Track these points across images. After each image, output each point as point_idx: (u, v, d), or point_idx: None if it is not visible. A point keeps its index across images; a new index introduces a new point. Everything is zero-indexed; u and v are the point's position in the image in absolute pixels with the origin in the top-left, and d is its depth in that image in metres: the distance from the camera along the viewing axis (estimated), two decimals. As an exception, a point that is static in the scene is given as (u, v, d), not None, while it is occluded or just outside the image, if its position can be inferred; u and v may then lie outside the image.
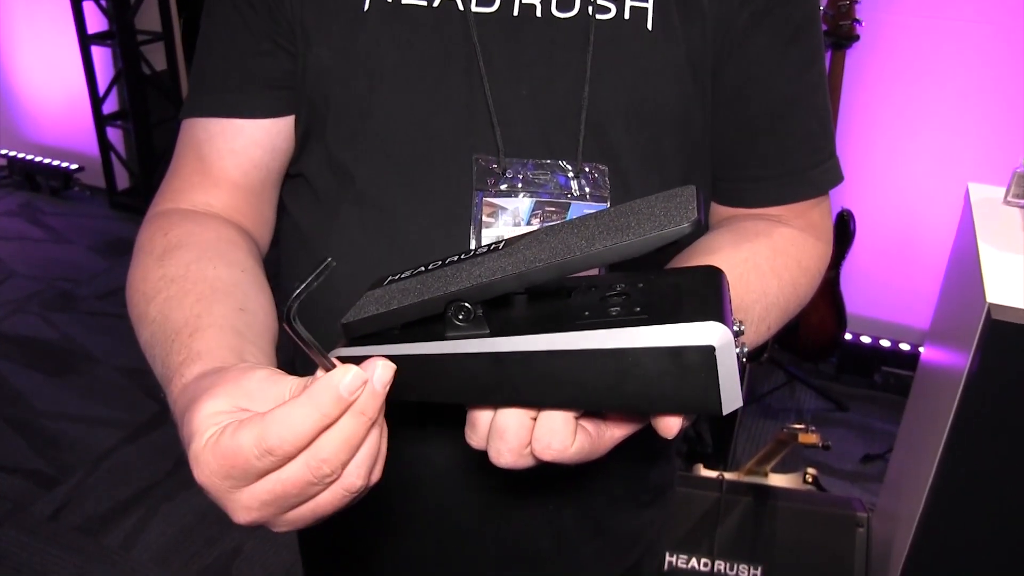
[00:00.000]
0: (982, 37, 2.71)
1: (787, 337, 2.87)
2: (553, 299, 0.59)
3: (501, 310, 0.59)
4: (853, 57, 2.70)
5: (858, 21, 2.56)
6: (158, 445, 2.80)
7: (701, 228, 0.54)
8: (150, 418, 2.92)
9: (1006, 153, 1.79)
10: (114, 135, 4.36)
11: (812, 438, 1.83)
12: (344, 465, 0.54)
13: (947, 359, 1.67)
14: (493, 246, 0.61)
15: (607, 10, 0.79)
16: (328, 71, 0.81)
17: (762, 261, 0.80)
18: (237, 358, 0.65)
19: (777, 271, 0.81)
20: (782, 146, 0.86)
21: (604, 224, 0.57)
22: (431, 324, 0.59)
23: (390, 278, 0.66)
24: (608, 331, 0.54)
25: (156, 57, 4.25)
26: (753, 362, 2.49)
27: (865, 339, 3.14)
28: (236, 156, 0.86)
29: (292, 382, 0.56)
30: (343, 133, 0.82)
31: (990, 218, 1.70)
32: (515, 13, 0.79)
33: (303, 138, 0.86)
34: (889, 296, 3.08)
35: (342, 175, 0.83)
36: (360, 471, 0.55)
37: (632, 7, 0.79)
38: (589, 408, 0.59)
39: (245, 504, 0.54)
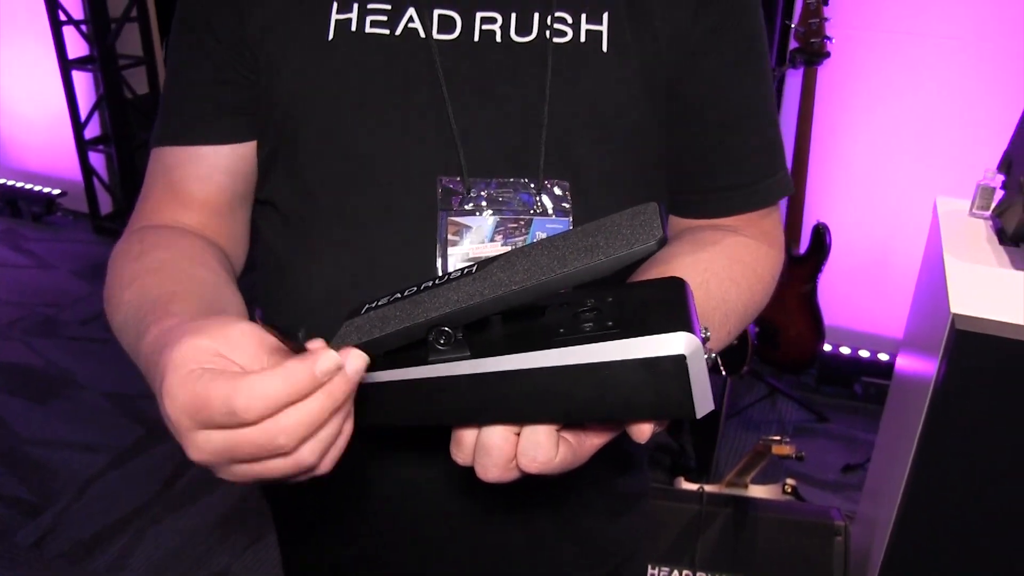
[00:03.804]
0: (950, 53, 2.78)
1: (767, 350, 2.90)
2: (528, 318, 0.62)
3: (480, 331, 0.61)
4: (825, 73, 2.75)
5: (828, 38, 2.62)
6: (144, 469, 2.80)
7: (664, 244, 0.57)
8: (135, 442, 2.92)
9: (976, 166, 1.84)
10: (96, 160, 4.38)
11: (786, 449, 1.86)
12: (301, 441, 0.55)
13: (917, 368, 1.71)
14: (466, 270, 0.64)
15: (564, 34, 0.82)
16: (295, 98, 0.83)
17: (721, 270, 0.83)
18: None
19: (735, 279, 0.84)
20: (736, 158, 0.89)
21: (573, 244, 0.60)
22: (413, 348, 0.61)
23: (367, 305, 0.68)
24: (584, 347, 0.56)
25: (138, 80, 4.27)
26: (733, 375, 2.53)
27: (844, 350, 3.18)
28: (202, 181, 0.89)
29: (271, 342, 0.58)
30: (310, 158, 0.84)
31: (956, 230, 1.74)
32: (476, 39, 0.82)
33: (269, 163, 0.89)
34: (866, 307, 3.13)
35: (310, 198, 0.86)
36: (314, 451, 0.56)
37: (588, 30, 0.82)
38: (570, 421, 0.61)
39: (199, 445, 0.56)
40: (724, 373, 2.49)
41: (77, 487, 2.72)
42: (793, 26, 2.69)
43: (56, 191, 4.55)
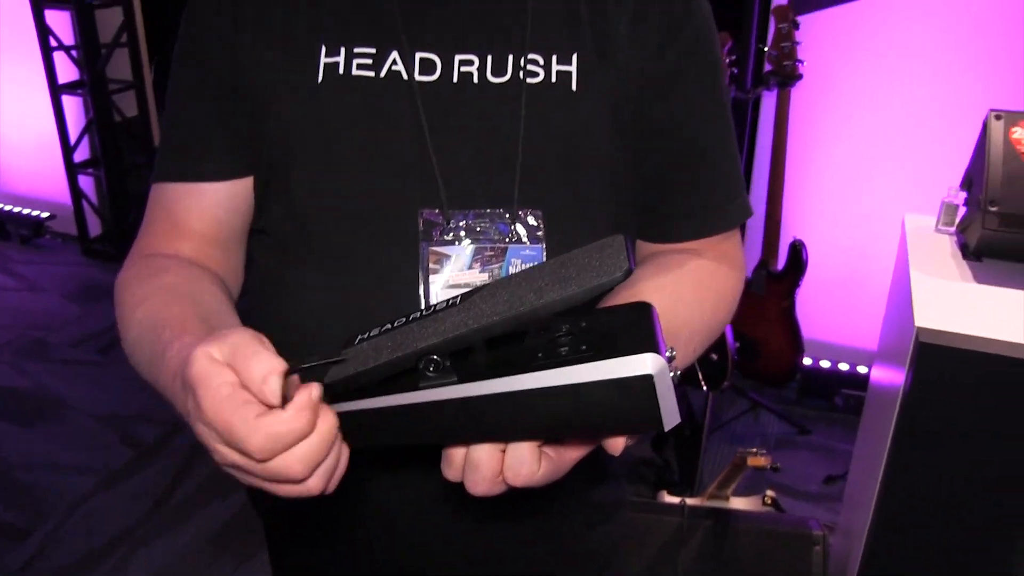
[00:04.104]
0: (916, 74, 2.86)
1: (748, 364, 2.95)
2: (509, 343, 0.66)
3: (465, 358, 0.65)
4: (798, 95, 2.82)
5: (800, 61, 2.68)
6: (133, 491, 2.82)
7: (630, 274, 0.61)
8: (125, 464, 2.94)
9: (944, 184, 1.90)
10: (85, 183, 4.42)
11: (761, 460, 1.91)
12: (311, 471, 0.62)
13: (888, 379, 1.76)
14: (451, 301, 0.68)
15: (536, 75, 0.88)
16: (287, 136, 0.88)
17: (686, 293, 0.89)
18: None
19: (699, 301, 0.91)
20: (700, 184, 0.95)
21: (548, 276, 0.64)
22: (405, 376, 0.65)
23: (360, 337, 0.72)
24: (560, 369, 0.60)
25: (127, 104, 4.32)
26: (715, 390, 2.57)
27: (824, 363, 3.24)
28: (202, 215, 0.94)
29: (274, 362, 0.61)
30: (302, 191, 0.89)
31: (922, 246, 1.79)
32: (455, 80, 0.87)
33: (263, 195, 0.94)
34: (845, 321, 3.19)
35: (302, 229, 0.90)
36: (321, 477, 0.63)
37: (558, 71, 0.88)
38: (550, 437, 0.66)
39: (222, 455, 0.62)
40: (705, 388, 2.54)
41: (65, 509, 2.74)
42: (766, 49, 2.76)
43: (45, 214, 4.59)
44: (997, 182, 1.56)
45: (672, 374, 0.60)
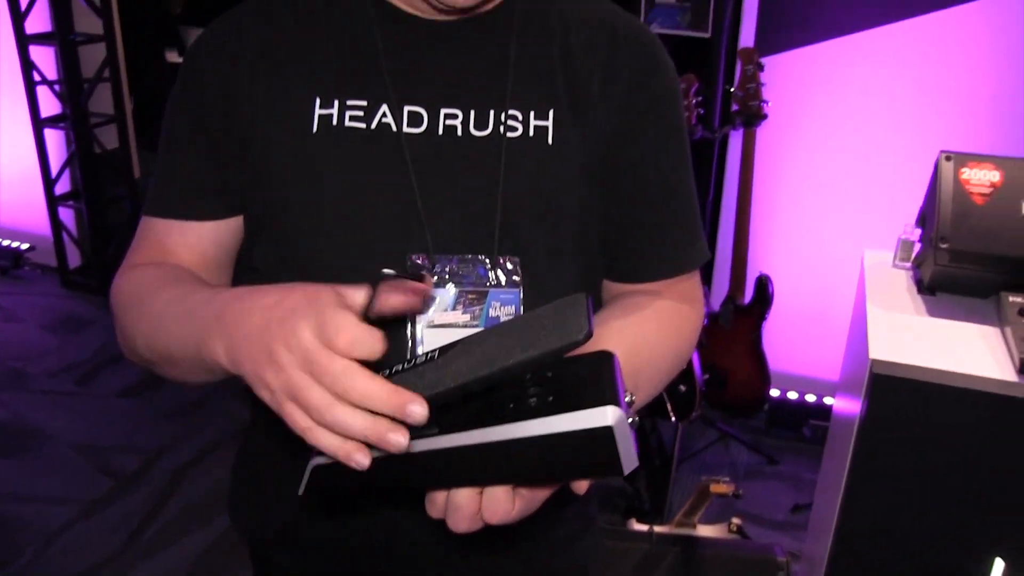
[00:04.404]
0: (875, 114, 2.95)
1: (717, 395, 3.02)
2: (484, 395, 0.71)
3: (445, 409, 0.71)
4: (763, 134, 2.92)
5: (765, 101, 2.79)
6: (112, 521, 2.84)
7: (591, 337, 0.65)
8: (104, 494, 2.96)
9: (904, 220, 1.98)
10: (65, 215, 4.44)
11: (723, 487, 1.98)
12: (344, 432, 0.64)
13: (847, 409, 1.84)
14: (430, 355, 0.73)
15: (515, 129, 0.95)
16: (283, 183, 0.95)
17: (649, 333, 0.96)
18: None
19: (661, 339, 0.98)
20: (663, 228, 1.02)
21: (517, 334, 0.69)
22: None
23: None
24: (529, 422, 0.66)
25: (108, 137, 4.36)
26: (683, 421, 2.64)
27: (792, 395, 3.31)
28: (191, 249, 1.00)
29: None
30: (296, 235, 0.96)
31: (880, 281, 1.87)
32: (440, 132, 0.94)
33: (256, 236, 1.00)
34: (811, 353, 3.26)
35: (294, 271, 0.95)
36: (344, 443, 0.65)
37: (536, 126, 0.96)
38: (521, 483, 0.72)
39: (280, 358, 0.66)
40: (674, 419, 2.60)
41: (44, 539, 2.74)
42: (733, 90, 2.86)
43: (24, 245, 4.61)
44: (947, 220, 1.64)
45: (631, 419, 0.66)
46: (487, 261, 0.94)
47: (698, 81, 2.81)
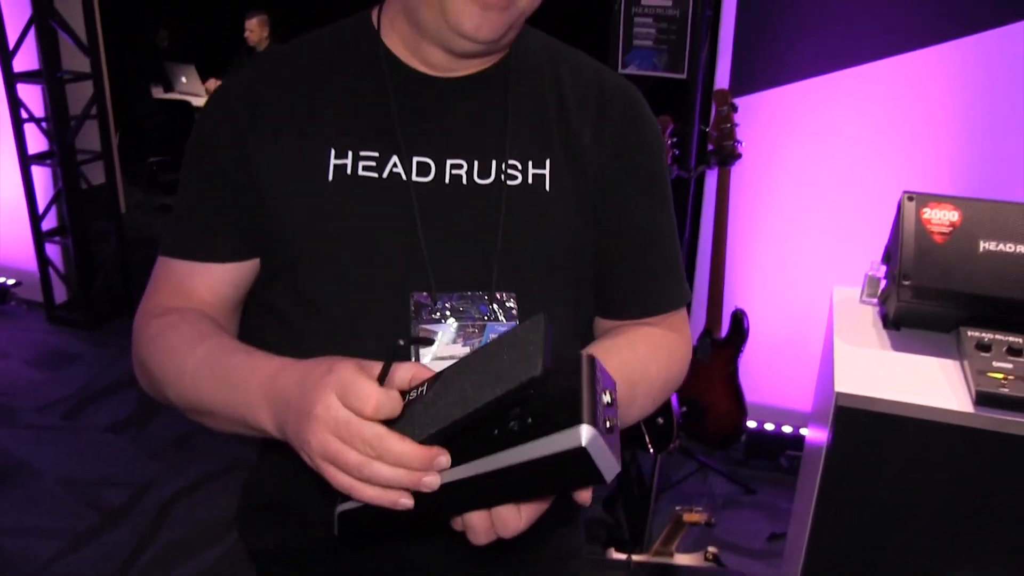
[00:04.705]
0: (844, 153, 3.04)
1: (695, 427, 3.09)
2: (472, 428, 0.77)
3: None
4: (737, 173, 3.01)
5: (739, 141, 2.88)
6: (100, 554, 2.85)
7: (548, 374, 0.72)
8: (92, 527, 2.98)
9: (873, 256, 2.05)
10: (52, 250, 4.49)
11: (695, 516, 2.04)
12: (379, 486, 0.76)
13: (816, 440, 1.90)
14: (419, 391, 0.80)
15: (515, 177, 1.04)
16: (299, 227, 1.02)
17: (648, 360, 1.06)
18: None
19: (658, 364, 1.08)
20: (649, 270, 1.12)
21: (486, 369, 0.76)
22: None
23: None
24: (511, 450, 0.73)
25: (94, 173, 4.42)
26: (662, 452, 2.70)
27: (768, 426, 3.38)
28: (209, 289, 1.06)
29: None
30: (310, 275, 1.02)
31: (847, 316, 1.93)
32: (447, 181, 1.03)
33: (272, 275, 1.06)
34: (787, 386, 3.33)
35: (307, 307, 1.03)
36: (375, 492, 0.77)
37: (534, 174, 1.04)
38: (517, 501, 0.79)
39: (326, 406, 0.76)
40: (652, 451, 2.66)
41: (32, 573, 2.75)
42: (708, 130, 2.96)
43: (11, 281, 4.64)
44: (910, 258, 1.70)
45: (608, 425, 0.72)
46: (486, 298, 1.02)
47: (673, 122, 2.90)
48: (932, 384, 1.61)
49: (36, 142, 4.32)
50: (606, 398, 0.74)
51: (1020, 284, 1.62)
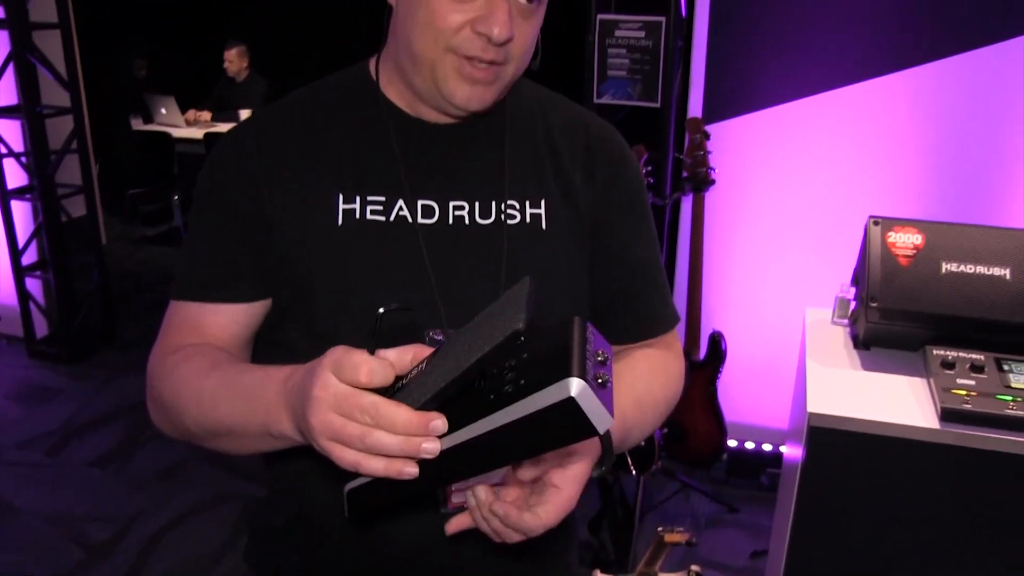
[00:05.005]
0: (814, 177, 3.11)
1: (677, 448, 3.13)
2: (470, 391, 0.81)
3: (443, 410, 0.81)
4: (711, 198, 3.08)
5: (712, 168, 2.95)
6: (84, 588, 2.84)
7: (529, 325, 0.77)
8: (77, 564, 2.96)
9: (844, 277, 2.11)
10: (32, 285, 4.48)
11: (676, 536, 2.07)
12: (390, 451, 0.79)
13: (792, 457, 1.95)
14: (419, 367, 0.84)
15: (514, 217, 1.11)
16: (311, 269, 1.06)
17: (649, 379, 1.14)
18: None
19: (659, 381, 1.17)
20: (645, 296, 1.21)
21: (478, 331, 0.81)
22: None
23: None
24: (506, 409, 0.77)
25: (74, 206, 4.42)
26: (644, 473, 2.75)
27: (749, 444, 3.43)
28: (224, 328, 1.11)
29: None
30: (322, 315, 1.07)
31: (820, 337, 1.99)
32: (450, 222, 1.09)
33: (284, 314, 1.11)
34: (766, 405, 3.37)
35: (320, 347, 1.04)
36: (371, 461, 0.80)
37: (531, 214, 1.12)
38: (523, 458, 0.85)
39: (326, 381, 0.80)
40: (635, 472, 2.71)
41: (18, 610, 2.76)
42: (682, 158, 3.03)
43: (-9, 317, 4.63)
44: (877, 281, 1.76)
45: (601, 380, 0.75)
46: None
47: (647, 151, 2.96)
48: (901, 402, 1.66)
49: (16, 176, 4.33)
50: (599, 357, 0.78)
51: (981, 303, 1.68)
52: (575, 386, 0.73)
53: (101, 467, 3.55)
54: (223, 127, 6.29)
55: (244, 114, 6.31)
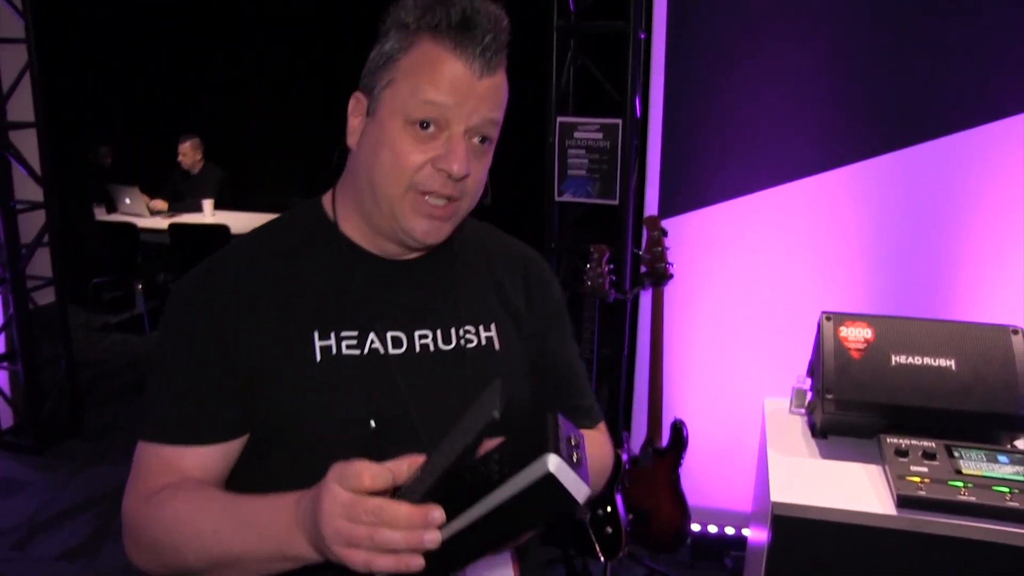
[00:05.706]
0: (770, 268, 3.22)
1: (642, 533, 3.19)
2: (462, 482, 0.91)
3: (441, 502, 0.91)
4: (670, 292, 3.18)
5: (670, 263, 3.08)
6: None
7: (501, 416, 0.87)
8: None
9: (801, 366, 2.21)
10: (-2, 375, 4.46)
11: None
12: (397, 546, 0.86)
13: (757, 539, 2.02)
14: (422, 467, 0.93)
15: (472, 340, 1.24)
16: (291, 404, 1.12)
17: (591, 452, 1.24)
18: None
19: (598, 452, 1.34)
20: (579, 397, 1.39)
21: (463, 427, 0.90)
22: None
23: None
24: (495, 492, 0.87)
25: (42, 296, 4.44)
26: (611, 559, 2.82)
27: (712, 528, 3.50)
28: (202, 468, 1.14)
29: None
30: (306, 447, 1.13)
31: (779, 426, 2.07)
32: (417, 351, 1.20)
33: (264, 449, 1.15)
34: (728, 489, 3.43)
35: (304, 477, 1.02)
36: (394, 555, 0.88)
37: (485, 336, 1.26)
38: (513, 539, 0.94)
39: (334, 494, 0.88)
40: (603, 559, 2.77)
41: None
42: (641, 254, 3.14)
43: (-46, 408, 4.57)
44: (831, 374, 1.85)
45: (575, 457, 0.85)
46: None
47: (608, 250, 3.10)
48: (859, 489, 1.73)
49: (-16, 270, 4.33)
50: (572, 441, 0.89)
51: (929, 393, 1.78)
52: (552, 462, 0.83)
53: (71, 561, 3.49)
54: (184, 218, 6.33)
55: (205, 204, 6.39)
